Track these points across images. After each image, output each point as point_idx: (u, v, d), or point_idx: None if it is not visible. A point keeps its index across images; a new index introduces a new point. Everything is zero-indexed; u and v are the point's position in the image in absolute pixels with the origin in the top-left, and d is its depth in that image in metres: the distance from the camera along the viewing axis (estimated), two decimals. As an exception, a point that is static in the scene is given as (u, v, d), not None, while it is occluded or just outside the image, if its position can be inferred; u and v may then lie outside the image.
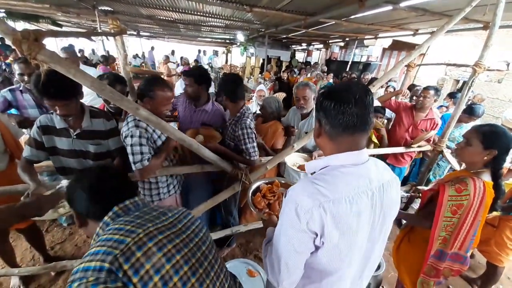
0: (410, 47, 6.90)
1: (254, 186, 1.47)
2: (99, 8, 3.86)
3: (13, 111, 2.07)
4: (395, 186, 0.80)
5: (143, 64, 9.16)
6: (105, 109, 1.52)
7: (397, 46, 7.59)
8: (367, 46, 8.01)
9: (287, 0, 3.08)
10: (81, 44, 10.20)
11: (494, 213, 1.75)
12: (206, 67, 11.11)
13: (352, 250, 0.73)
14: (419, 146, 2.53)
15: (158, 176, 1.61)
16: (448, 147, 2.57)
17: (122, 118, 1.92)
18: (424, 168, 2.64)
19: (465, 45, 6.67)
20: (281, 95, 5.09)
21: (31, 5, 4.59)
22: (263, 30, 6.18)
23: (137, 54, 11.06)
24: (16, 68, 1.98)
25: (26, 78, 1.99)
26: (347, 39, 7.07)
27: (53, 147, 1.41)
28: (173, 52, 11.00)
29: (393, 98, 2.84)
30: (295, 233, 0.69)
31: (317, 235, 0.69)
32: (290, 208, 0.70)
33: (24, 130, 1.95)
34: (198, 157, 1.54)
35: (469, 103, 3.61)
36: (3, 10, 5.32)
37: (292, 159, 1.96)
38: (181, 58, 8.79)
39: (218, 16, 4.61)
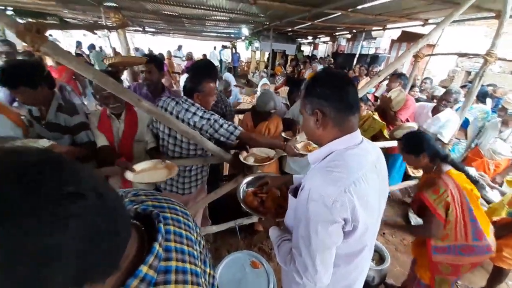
0: (420, 39, 6.68)
1: (242, 185, 1.37)
2: (104, 4, 3.87)
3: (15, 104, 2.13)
4: (382, 155, 0.88)
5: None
6: (107, 113, 1.53)
7: (407, 37, 7.38)
8: (375, 38, 7.82)
9: (291, -10, 3.03)
10: (89, 41, 10.31)
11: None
12: (217, 62, 11.15)
13: (372, 224, 0.78)
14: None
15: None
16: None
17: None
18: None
19: (477, 36, 6.43)
20: (284, 90, 5.05)
21: (38, 2, 4.65)
22: (267, 23, 6.10)
23: (138, 48, 11.11)
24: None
25: None
26: (354, 31, 6.91)
27: (38, 133, 1.48)
28: (179, 48, 11.00)
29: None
30: (328, 226, 0.68)
31: (345, 221, 0.70)
32: (315, 202, 0.68)
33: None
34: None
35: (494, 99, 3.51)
36: (11, 8, 5.41)
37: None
38: (182, 52, 8.80)
39: (222, 10, 4.57)
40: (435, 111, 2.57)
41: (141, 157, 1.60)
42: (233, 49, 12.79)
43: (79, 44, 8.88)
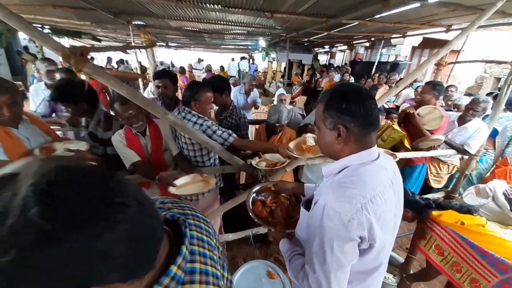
0: (443, 45, 6.43)
1: (252, 194, 1.35)
2: (133, 23, 4.22)
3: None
4: (398, 170, 0.86)
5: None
6: (133, 132, 1.66)
7: (429, 44, 7.14)
8: (395, 45, 7.64)
9: (307, 4, 3.10)
10: (119, 56, 11.15)
11: None
12: (234, 73, 11.50)
13: (389, 242, 0.77)
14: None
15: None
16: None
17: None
18: (460, 174, 2.46)
19: (506, 41, 6.06)
20: (301, 99, 5.08)
21: (74, 22, 5.15)
22: (284, 34, 6.23)
23: (162, 62, 11.80)
24: (57, 77, 2.26)
25: None
26: (372, 39, 6.83)
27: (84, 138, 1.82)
28: (199, 60, 11.54)
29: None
30: (343, 244, 0.67)
31: (361, 239, 0.68)
32: (331, 219, 0.67)
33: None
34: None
35: None
36: (48, 27, 5.98)
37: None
38: (202, 64, 9.18)
39: (240, 24, 4.77)
40: (461, 121, 2.45)
41: (171, 165, 1.73)
42: (251, 60, 13.13)
43: (109, 60, 9.68)
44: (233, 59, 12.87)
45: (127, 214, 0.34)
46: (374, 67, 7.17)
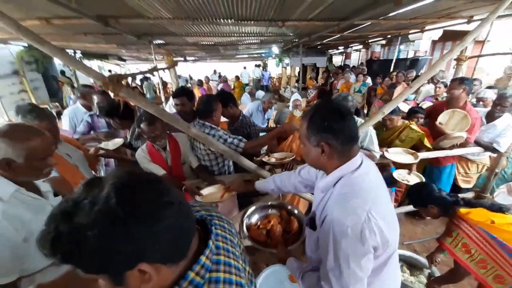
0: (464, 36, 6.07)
1: (244, 220, 1.36)
2: (154, 42, 4.56)
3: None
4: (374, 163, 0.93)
5: (188, 85, 10.23)
6: (156, 148, 1.83)
7: (451, 36, 6.78)
8: (413, 41, 7.35)
9: (317, 10, 3.15)
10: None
11: None
12: (246, 81, 11.74)
13: (396, 231, 0.83)
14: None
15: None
16: None
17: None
18: (488, 173, 2.32)
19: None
20: (316, 102, 5.07)
21: (102, 46, 5.67)
22: (296, 40, 6.30)
23: (180, 75, 12.38)
24: (95, 98, 2.52)
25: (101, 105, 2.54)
26: (388, 36, 6.66)
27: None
28: (215, 72, 11.97)
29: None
30: (359, 259, 0.70)
31: (375, 249, 0.71)
32: (344, 235, 0.69)
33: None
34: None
35: None
36: (79, 51, 6.61)
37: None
38: (219, 75, 9.49)
39: (253, 34, 4.93)
40: (490, 117, 2.33)
41: (189, 177, 1.85)
42: (264, 68, 13.31)
43: (134, 78, 10.34)
44: (245, 68, 13.14)
45: (172, 210, 0.45)
46: (392, 64, 6.90)
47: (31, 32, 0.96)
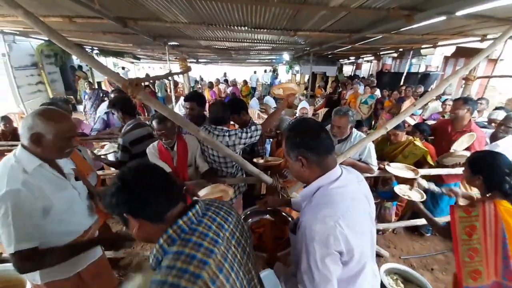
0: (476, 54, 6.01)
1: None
2: (169, 43, 4.71)
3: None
4: (361, 174, 1.00)
5: (198, 86, 10.41)
6: (165, 146, 1.90)
7: (464, 53, 6.68)
8: (425, 55, 7.31)
9: (329, 22, 3.21)
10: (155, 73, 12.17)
11: None
12: (254, 84, 11.85)
13: (368, 243, 0.88)
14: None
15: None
16: None
17: None
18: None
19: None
20: (323, 111, 5.10)
21: (118, 45, 5.87)
22: (307, 49, 6.37)
23: (190, 76, 12.65)
24: (111, 96, 2.65)
25: None
26: (400, 49, 6.64)
27: None
28: (225, 74, 12.13)
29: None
30: (326, 260, 0.76)
31: (341, 254, 0.77)
32: (312, 239, 0.76)
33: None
34: None
35: None
36: (96, 48, 6.86)
37: None
38: (225, 79, 9.62)
39: (265, 41, 5.03)
40: (493, 138, 2.33)
41: (194, 179, 1.90)
42: (274, 73, 13.41)
43: (154, 82, 10.59)
44: (255, 72, 13.28)
45: (154, 183, 0.68)
46: (403, 78, 6.83)
47: (49, 28, 1.05)
